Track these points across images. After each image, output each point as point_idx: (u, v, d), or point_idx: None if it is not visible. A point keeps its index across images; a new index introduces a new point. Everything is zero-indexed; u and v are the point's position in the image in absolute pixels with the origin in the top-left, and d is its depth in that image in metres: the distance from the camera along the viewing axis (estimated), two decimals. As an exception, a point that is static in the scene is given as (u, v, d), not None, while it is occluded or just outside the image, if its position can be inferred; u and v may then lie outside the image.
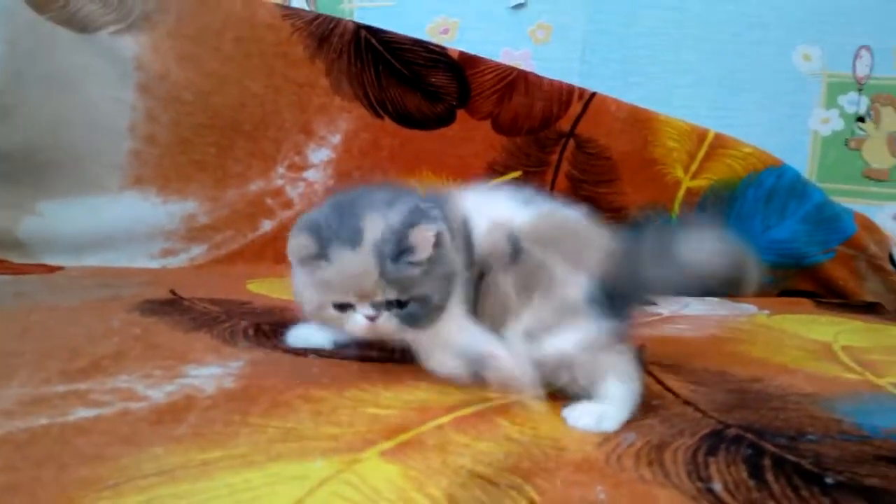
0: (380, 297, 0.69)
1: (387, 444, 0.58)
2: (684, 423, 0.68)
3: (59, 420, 0.59)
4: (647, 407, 0.71)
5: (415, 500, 0.49)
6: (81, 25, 1.36)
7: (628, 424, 0.66)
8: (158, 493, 0.48)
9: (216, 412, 0.63)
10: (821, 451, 0.62)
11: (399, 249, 0.68)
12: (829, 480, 0.56)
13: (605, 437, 0.63)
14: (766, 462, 0.59)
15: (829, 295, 1.55)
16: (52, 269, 1.31)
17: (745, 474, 0.56)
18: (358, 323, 0.70)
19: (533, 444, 0.60)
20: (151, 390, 0.67)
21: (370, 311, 0.69)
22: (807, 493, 0.54)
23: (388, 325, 0.70)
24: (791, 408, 0.74)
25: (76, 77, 1.37)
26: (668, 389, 0.79)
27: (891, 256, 1.57)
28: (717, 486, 0.54)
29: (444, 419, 0.65)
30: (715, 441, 0.63)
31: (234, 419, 0.61)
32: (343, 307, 0.70)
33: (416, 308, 0.70)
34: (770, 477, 0.56)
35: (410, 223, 0.69)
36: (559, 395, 0.72)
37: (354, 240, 0.68)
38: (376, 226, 0.69)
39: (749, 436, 0.65)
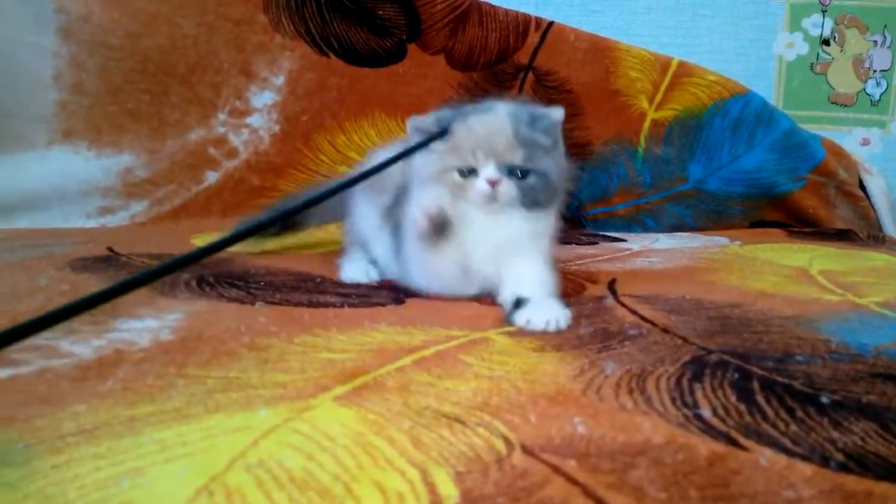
0: (508, 158, 0.68)
1: (341, 389, 0.52)
2: (664, 350, 0.63)
3: (-36, 382, 0.52)
4: (623, 336, 0.67)
5: (374, 445, 0.43)
6: (-12, -38, 1.24)
7: (606, 353, 0.61)
8: (77, 453, 0.41)
9: (148, 365, 0.56)
10: (811, 372, 0.58)
11: (532, 117, 0.70)
12: (824, 400, 0.52)
13: (581, 369, 0.57)
14: (755, 385, 0.55)
15: (799, 224, 1.53)
16: (-23, 233, 1.21)
17: (734, 398, 0.52)
18: (479, 188, 0.69)
19: (502, 379, 0.55)
20: (76, 346, 0.60)
21: (494, 174, 0.68)
22: (802, 414, 0.49)
23: (509, 193, 0.69)
24: (775, 331, 0.70)
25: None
26: (645, 319, 0.74)
27: (860, 182, 1.55)
28: (706, 412, 0.49)
29: (406, 360, 0.59)
30: (698, 367, 0.58)
31: (169, 371, 0.55)
32: (466, 174, 0.69)
33: (536, 181, 0.69)
34: (761, 399, 0.52)
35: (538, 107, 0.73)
36: (526, 332, 0.68)
37: (488, 108, 0.71)
38: (507, 104, 0.72)
39: (734, 360, 0.60)
